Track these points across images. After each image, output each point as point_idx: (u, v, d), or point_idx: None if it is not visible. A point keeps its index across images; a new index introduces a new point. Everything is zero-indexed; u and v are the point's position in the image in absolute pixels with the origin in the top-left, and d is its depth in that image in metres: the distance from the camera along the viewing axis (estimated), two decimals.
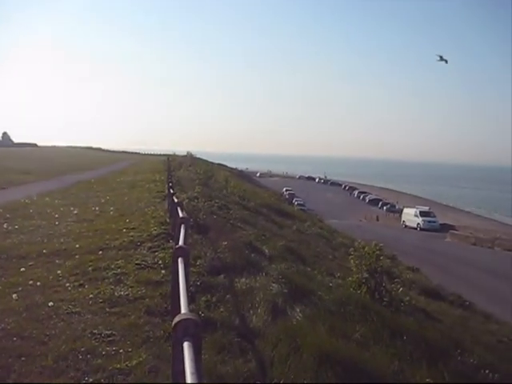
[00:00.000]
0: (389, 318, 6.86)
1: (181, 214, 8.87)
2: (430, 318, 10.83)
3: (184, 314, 3.33)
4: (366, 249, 8.80)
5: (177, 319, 3.09)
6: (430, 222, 59.90)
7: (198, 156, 67.07)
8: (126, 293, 7.15)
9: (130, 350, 5.33)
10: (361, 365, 4.50)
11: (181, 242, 6.33)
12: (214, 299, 6.71)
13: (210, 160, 78.28)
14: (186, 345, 2.90)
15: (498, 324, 14.08)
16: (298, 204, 69.42)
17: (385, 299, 8.50)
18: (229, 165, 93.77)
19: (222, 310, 6.32)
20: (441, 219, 64.38)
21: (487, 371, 6.49)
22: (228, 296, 6.83)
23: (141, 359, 5.05)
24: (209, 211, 15.06)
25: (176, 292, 4.78)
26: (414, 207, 64.96)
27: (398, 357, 5.29)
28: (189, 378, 2.55)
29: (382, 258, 8.80)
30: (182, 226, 7.42)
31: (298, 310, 6.31)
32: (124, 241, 10.69)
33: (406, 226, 61.85)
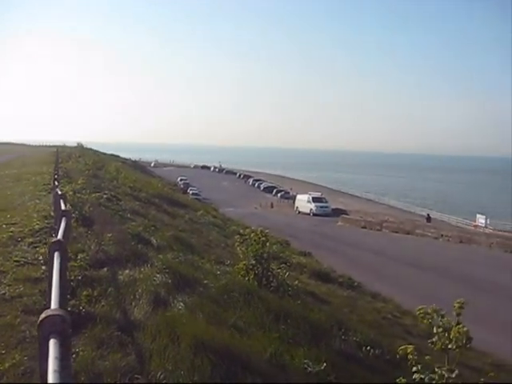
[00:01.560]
0: (274, 302, 6.96)
1: (63, 207, 8.52)
2: (318, 300, 11.14)
3: (51, 309, 3.16)
4: (252, 235, 8.87)
5: (43, 316, 2.93)
6: (322, 207, 61.80)
7: (90, 147, 65.22)
8: (3, 292, 6.74)
9: (3, 352, 5.03)
10: (237, 350, 4.53)
11: (59, 236, 6.06)
12: (95, 293, 6.48)
13: (104, 151, 76.29)
14: (51, 342, 2.76)
15: (384, 302, 14.76)
16: (192, 193, 69.42)
17: (272, 284, 8.61)
18: (123, 155, 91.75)
19: (103, 303, 6.12)
20: (333, 204, 66.55)
21: (369, 347, 6.74)
22: (110, 289, 6.64)
23: (14, 361, 4.78)
24: (96, 203, 14.62)
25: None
26: (306, 193, 66.66)
27: (279, 340, 5.39)
28: (51, 376, 2.41)
29: (268, 243, 8.90)
30: (63, 219, 7.11)
31: (180, 299, 6.25)
32: (3, 237, 10.10)
33: (299, 212, 63.41)
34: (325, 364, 4.79)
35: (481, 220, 63.51)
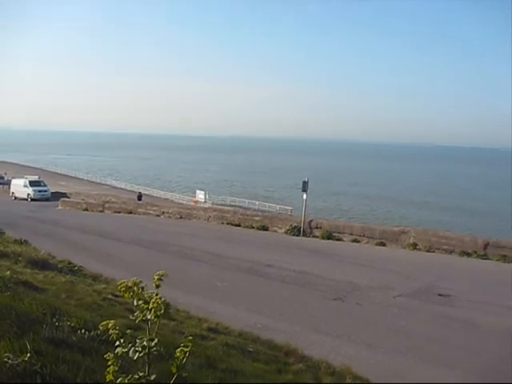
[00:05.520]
0: None
1: None
2: (33, 289, 10.61)
3: None
4: None
5: None
6: (40, 191, 59.23)
7: None
8: None
9: None
10: None
11: None
12: None
13: None
14: None
15: (105, 283, 14.68)
16: None
17: None
18: None
19: None
20: (53, 188, 64.23)
21: (84, 330, 6.67)
22: None
23: None
24: None
25: None
26: (23, 177, 63.15)
27: None
28: None
29: None
30: None
31: None
32: None
33: (15, 198, 59.81)
34: (29, 354, 4.59)
35: (200, 195, 67.71)
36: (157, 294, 3.58)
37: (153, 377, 3.57)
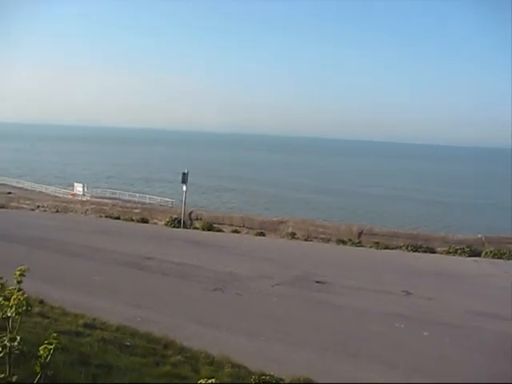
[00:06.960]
0: None
1: None
2: None
3: None
4: None
5: None
6: None
7: None
8: None
9: None
10: None
11: None
12: None
13: None
14: None
15: None
16: None
17: None
18: None
19: None
20: None
21: None
22: None
23: None
24: None
25: None
26: None
27: None
28: None
29: None
30: None
31: None
32: None
33: None
34: None
35: (78, 188, 65.50)
36: (19, 290, 3.36)
37: (14, 378, 3.35)
